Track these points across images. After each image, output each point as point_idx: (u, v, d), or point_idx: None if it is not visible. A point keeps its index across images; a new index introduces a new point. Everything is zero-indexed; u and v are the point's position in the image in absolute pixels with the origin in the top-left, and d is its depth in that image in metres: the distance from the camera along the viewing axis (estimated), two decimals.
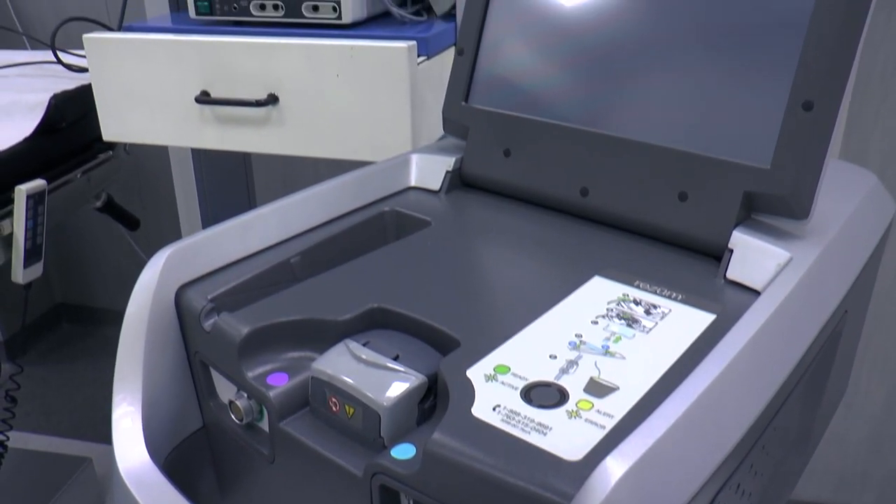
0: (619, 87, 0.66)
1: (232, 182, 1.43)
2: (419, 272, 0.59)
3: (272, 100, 1.01)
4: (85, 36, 1.06)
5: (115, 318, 2.39)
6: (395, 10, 1.08)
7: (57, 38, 1.76)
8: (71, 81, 1.37)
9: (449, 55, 1.09)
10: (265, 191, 1.91)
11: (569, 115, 0.68)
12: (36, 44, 1.90)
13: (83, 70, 1.37)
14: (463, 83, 0.74)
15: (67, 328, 2.44)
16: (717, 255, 0.60)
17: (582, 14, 0.68)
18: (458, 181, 0.75)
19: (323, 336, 0.54)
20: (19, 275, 1.32)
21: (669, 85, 0.63)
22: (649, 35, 0.64)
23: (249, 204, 1.48)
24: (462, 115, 0.74)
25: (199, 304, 0.57)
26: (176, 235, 2.13)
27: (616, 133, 0.66)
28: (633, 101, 0.65)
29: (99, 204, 1.58)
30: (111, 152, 1.51)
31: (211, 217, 1.34)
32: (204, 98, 1.03)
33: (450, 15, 1.12)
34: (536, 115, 0.70)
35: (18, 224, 1.29)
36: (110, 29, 1.14)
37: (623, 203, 0.65)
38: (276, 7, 1.07)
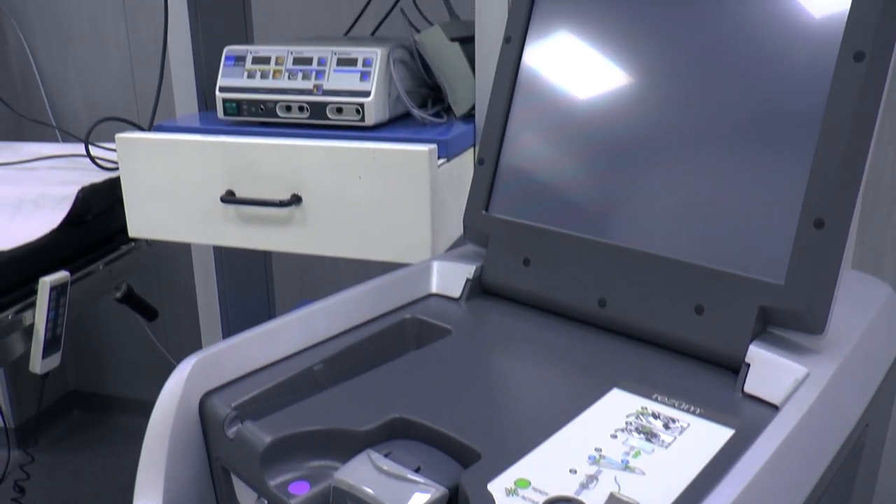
0: (635, 198, 0.67)
1: (252, 276, 1.44)
2: (440, 382, 0.60)
3: (295, 200, 1.03)
4: (118, 136, 1.09)
5: (127, 406, 2.39)
6: (416, 112, 1.11)
7: (83, 128, 1.82)
8: (98, 174, 1.42)
9: (468, 156, 1.11)
10: (284, 284, 1.94)
11: (587, 226, 0.70)
12: (66, 136, 1.96)
13: (112, 164, 1.43)
14: (483, 192, 0.76)
15: (79, 415, 2.44)
16: (735, 368, 0.61)
17: (600, 126, 0.70)
18: (479, 289, 0.76)
19: (345, 445, 0.55)
20: (37, 365, 1.34)
21: (684, 197, 0.64)
22: (665, 146, 0.66)
23: (268, 298, 1.50)
24: (482, 224, 0.76)
25: (222, 412, 0.59)
26: (193, 327, 2.16)
27: (633, 245, 0.67)
28: (649, 213, 0.66)
29: (119, 294, 1.62)
30: (133, 244, 1.57)
31: (230, 311, 1.36)
32: (229, 198, 1.05)
33: (469, 116, 1.15)
34: (555, 225, 0.71)
35: (40, 315, 1.32)
36: (141, 128, 1.16)
37: (640, 315, 0.66)
38: (301, 109, 1.09)
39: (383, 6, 1.45)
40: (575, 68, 0.74)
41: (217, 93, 1.12)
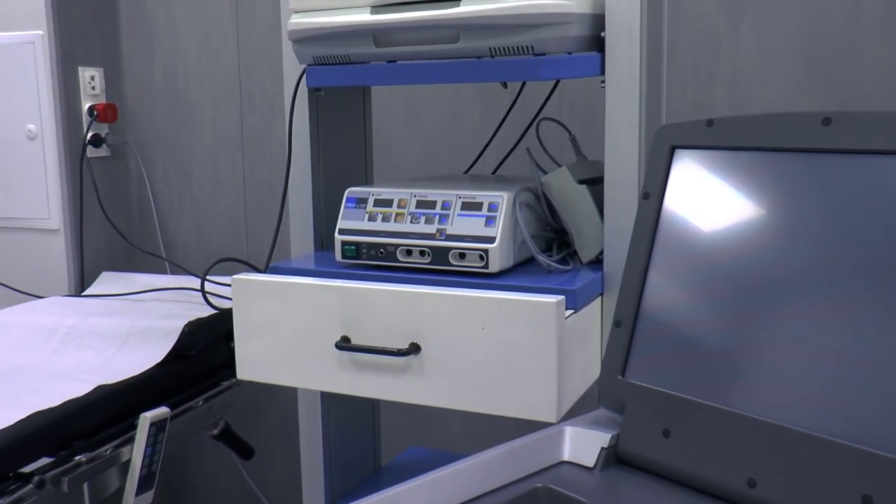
0: (788, 367, 0.66)
1: (358, 421, 1.45)
2: None
3: (414, 349, 1.04)
4: (234, 278, 1.13)
5: None
6: (541, 258, 1.11)
7: (193, 261, 1.85)
8: (205, 308, 1.46)
9: (596, 307, 1.11)
10: (390, 424, 1.92)
11: (733, 397, 0.69)
12: (175, 268, 2.05)
13: (221, 298, 1.48)
14: (620, 356, 0.76)
15: None
16: None
17: (747, 287, 0.70)
18: (614, 458, 0.75)
19: None
20: (130, 502, 1.37)
21: (844, 367, 0.63)
22: (820, 310, 0.65)
23: (374, 444, 1.50)
24: (619, 390, 0.76)
25: None
26: (288, 464, 2.16)
27: (786, 422, 0.65)
28: (805, 384, 0.65)
29: (216, 431, 1.69)
30: (234, 379, 1.63)
31: (334, 457, 1.36)
32: (345, 344, 1.07)
33: (596, 262, 1.15)
34: (698, 394, 0.71)
35: (138, 452, 1.37)
36: (257, 269, 1.21)
37: (797, 500, 0.63)
38: (422, 253, 1.11)
39: (505, 143, 1.49)
40: (718, 225, 0.75)
41: (336, 235, 1.16)
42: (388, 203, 1.15)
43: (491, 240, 1.08)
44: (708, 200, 0.76)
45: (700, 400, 0.70)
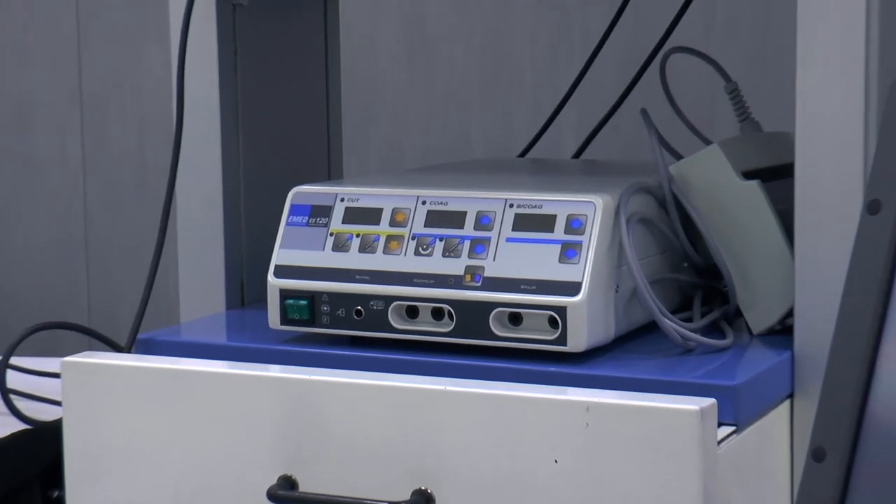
0: None
1: None
2: None
3: (423, 500, 0.90)
4: (63, 361, 0.99)
5: None
6: (668, 324, 0.92)
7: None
8: (4, 420, 1.32)
9: (779, 419, 0.97)
10: None
11: None
12: None
13: (39, 406, 1.35)
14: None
15: None
16: None
17: None
18: None
19: None
20: None
21: None
22: None
23: None
24: None
25: None
26: None
27: None
28: None
29: None
30: None
31: None
32: (285, 493, 0.91)
33: (780, 330, 1.00)
34: None
35: None
36: (111, 345, 1.09)
37: None
38: (438, 315, 0.95)
39: (593, 102, 1.31)
40: None
41: (270, 279, 1.01)
42: (373, 216, 1.01)
43: (572, 288, 0.92)
44: None
45: None
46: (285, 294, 0.99)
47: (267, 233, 1.13)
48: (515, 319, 0.92)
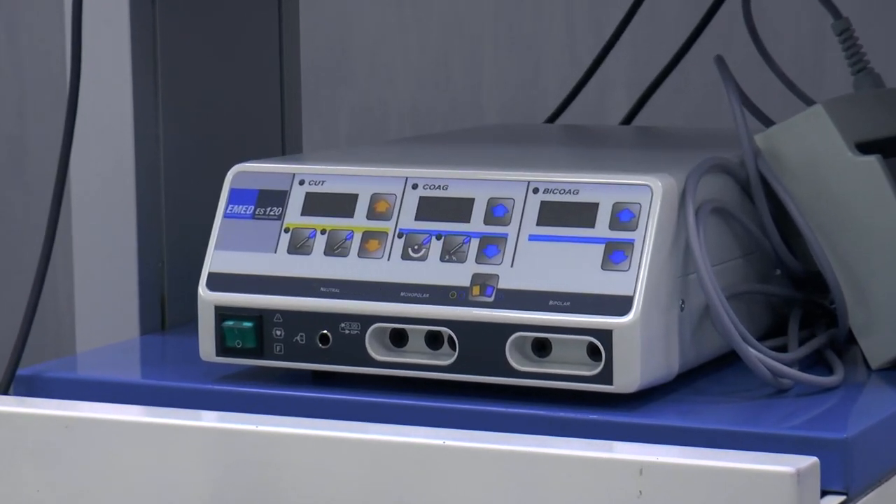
0: None
1: None
2: None
3: None
4: None
5: None
6: (752, 353, 0.84)
7: None
8: None
9: None
10: None
11: None
12: None
13: None
14: None
15: None
16: None
17: None
18: None
19: None
20: None
21: None
22: None
23: None
24: None
25: None
26: None
27: None
28: None
29: None
30: None
31: None
32: None
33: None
34: None
35: None
36: None
37: None
38: (434, 341, 0.87)
39: (649, 50, 1.28)
40: None
41: (201, 292, 0.92)
42: (344, 204, 0.92)
43: (620, 305, 0.84)
44: None
45: None
46: (223, 313, 0.90)
47: (197, 229, 1.06)
48: (542, 348, 0.84)
